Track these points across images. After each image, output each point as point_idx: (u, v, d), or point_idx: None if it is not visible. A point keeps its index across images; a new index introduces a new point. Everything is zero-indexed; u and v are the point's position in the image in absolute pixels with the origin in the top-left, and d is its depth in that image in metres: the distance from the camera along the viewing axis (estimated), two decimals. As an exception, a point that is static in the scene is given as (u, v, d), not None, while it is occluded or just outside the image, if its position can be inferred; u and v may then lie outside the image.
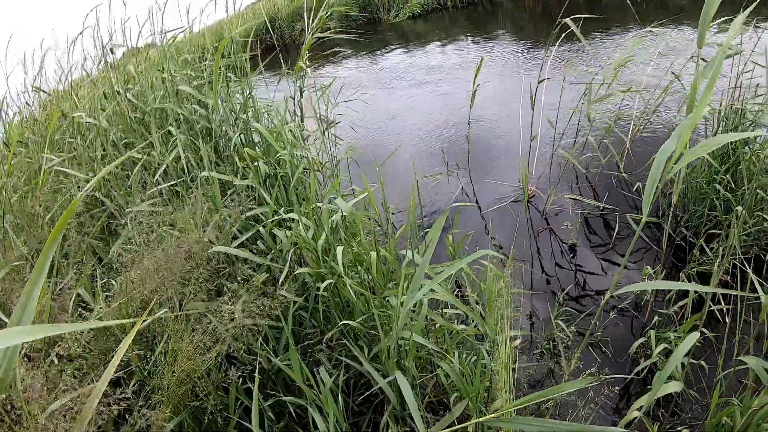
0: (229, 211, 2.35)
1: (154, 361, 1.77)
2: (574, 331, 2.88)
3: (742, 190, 2.87)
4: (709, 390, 2.38)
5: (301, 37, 14.12)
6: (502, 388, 1.36)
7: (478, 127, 5.57)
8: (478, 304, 2.76)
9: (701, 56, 2.30)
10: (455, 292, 3.15)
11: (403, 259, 2.17)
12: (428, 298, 1.93)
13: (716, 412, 2.00)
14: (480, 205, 4.26)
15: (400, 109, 6.91)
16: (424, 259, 1.39)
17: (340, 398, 1.89)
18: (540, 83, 3.80)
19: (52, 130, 3.33)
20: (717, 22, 2.85)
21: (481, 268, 2.91)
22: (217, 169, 3.03)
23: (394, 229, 2.61)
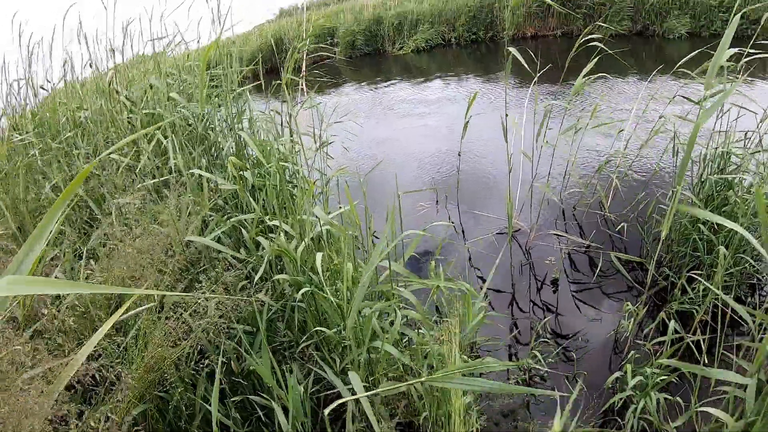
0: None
1: (125, 346, 1.75)
2: (552, 361, 2.86)
3: (725, 231, 2.90)
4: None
5: (307, 61, 14.41)
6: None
7: (470, 159, 5.63)
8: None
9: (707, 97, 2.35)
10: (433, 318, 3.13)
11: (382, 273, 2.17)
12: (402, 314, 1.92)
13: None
14: (465, 237, 4.28)
15: (390, 138, 6.99)
16: (377, 250, 1.38)
17: (307, 404, 1.85)
18: (511, 116, 3.86)
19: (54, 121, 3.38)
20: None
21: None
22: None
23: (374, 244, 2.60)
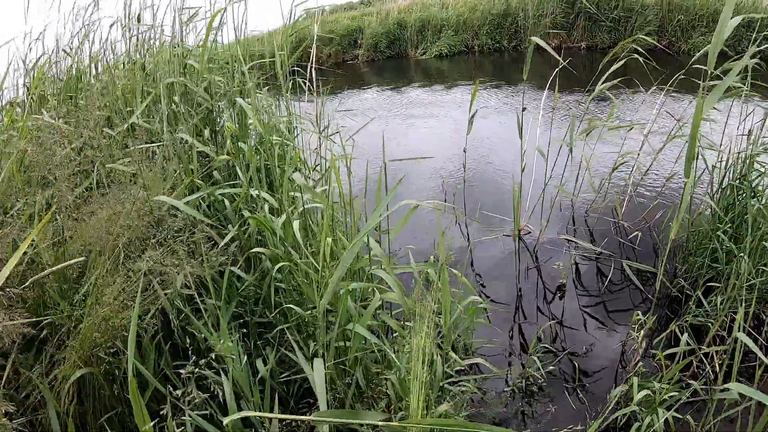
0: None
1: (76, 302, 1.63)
2: (553, 370, 2.66)
3: (746, 241, 2.68)
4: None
5: (328, 61, 14.39)
6: (414, 392, 1.18)
7: (482, 160, 5.46)
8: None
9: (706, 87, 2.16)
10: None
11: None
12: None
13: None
14: (473, 237, 4.10)
15: (405, 135, 6.85)
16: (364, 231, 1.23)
17: (266, 389, 1.69)
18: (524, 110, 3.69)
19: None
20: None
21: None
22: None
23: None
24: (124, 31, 3.69)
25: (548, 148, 3.76)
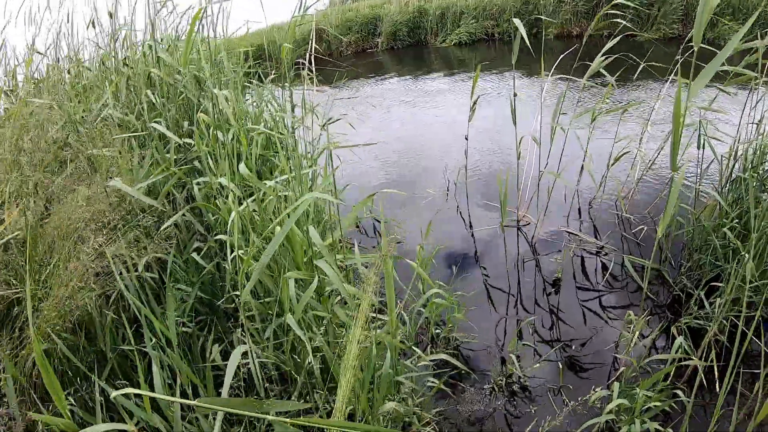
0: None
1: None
2: (537, 369, 2.51)
3: (751, 238, 2.46)
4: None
5: (348, 50, 14.25)
6: (345, 386, 1.05)
7: (486, 149, 5.27)
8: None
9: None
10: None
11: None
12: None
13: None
14: (470, 225, 3.94)
15: (411, 125, 6.68)
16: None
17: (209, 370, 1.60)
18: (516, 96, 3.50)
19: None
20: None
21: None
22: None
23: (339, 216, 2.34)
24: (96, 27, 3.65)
25: (552, 134, 3.56)
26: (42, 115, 2.91)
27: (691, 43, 1.76)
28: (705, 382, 2.22)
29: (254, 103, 3.73)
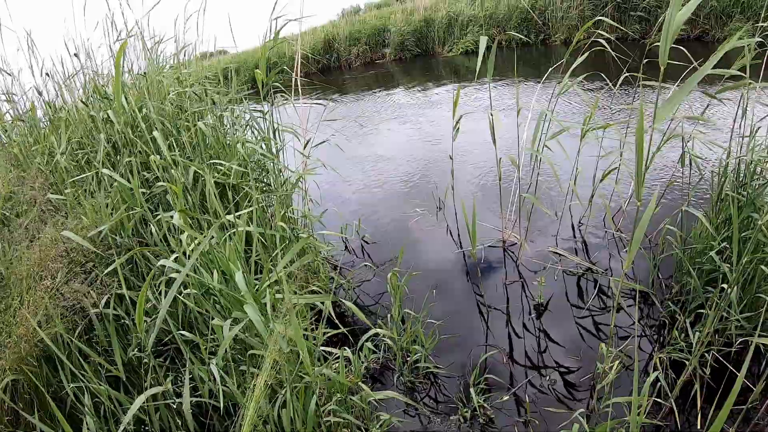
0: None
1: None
2: (506, 402, 2.37)
3: (740, 263, 2.29)
4: None
5: (357, 61, 14.25)
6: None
7: (477, 165, 5.14)
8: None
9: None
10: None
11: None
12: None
13: None
14: (455, 247, 3.82)
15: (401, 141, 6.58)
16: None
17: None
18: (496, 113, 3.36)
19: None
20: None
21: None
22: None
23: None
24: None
25: (533, 159, 3.43)
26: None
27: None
28: (682, 422, 2.07)
29: (230, 131, 3.68)
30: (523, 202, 3.68)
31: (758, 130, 2.57)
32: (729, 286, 2.13)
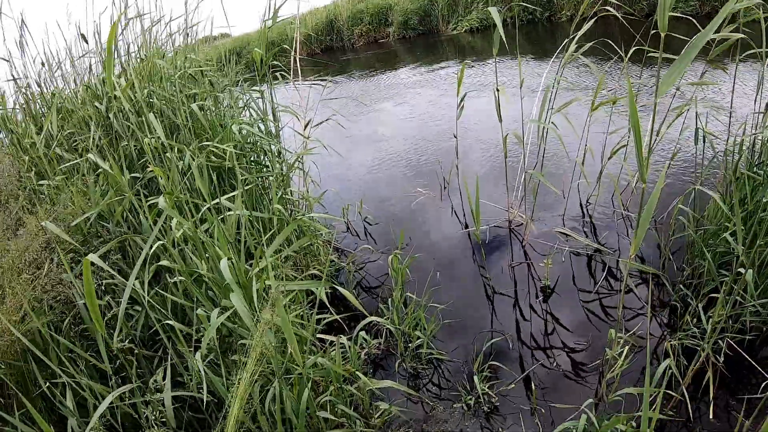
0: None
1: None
2: (512, 389, 2.30)
3: (757, 244, 2.19)
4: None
5: (360, 41, 14.00)
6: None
7: (487, 142, 5.01)
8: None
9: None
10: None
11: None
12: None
13: None
14: (465, 226, 3.72)
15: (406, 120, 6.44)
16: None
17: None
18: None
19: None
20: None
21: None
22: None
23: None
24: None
25: (540, 136, 3.30)
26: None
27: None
28: (693, 410, 1.99)
29: (227, 112, 3.56)
30: (530, 180, 3.56)
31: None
32: (745, 269, 2.03)
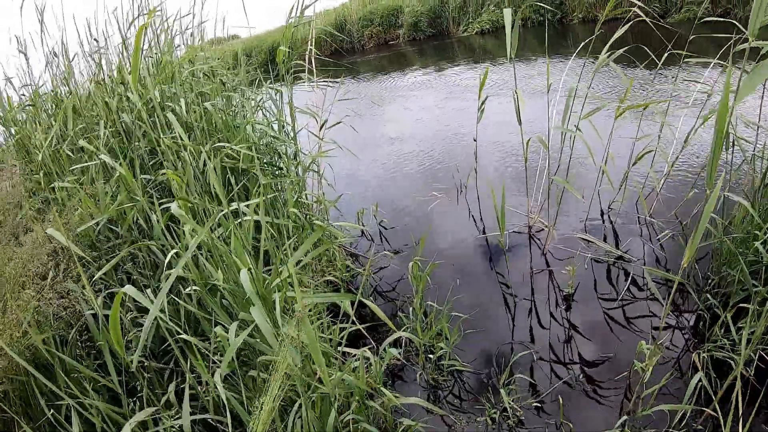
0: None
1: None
2: (537, 402, 2.24)
3: None
4: None
5: (370, 42, 13.97)
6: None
7: (501, 146, 4.95)
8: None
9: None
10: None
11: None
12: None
13: None
14: (483, 232, 3.67)
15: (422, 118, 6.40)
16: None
17: None
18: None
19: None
20: None
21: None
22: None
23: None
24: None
25: (563, 139, 3.24)
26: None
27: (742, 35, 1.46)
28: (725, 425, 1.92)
29: (241, 112, 3.53)
30: (552, 185, 3.50)
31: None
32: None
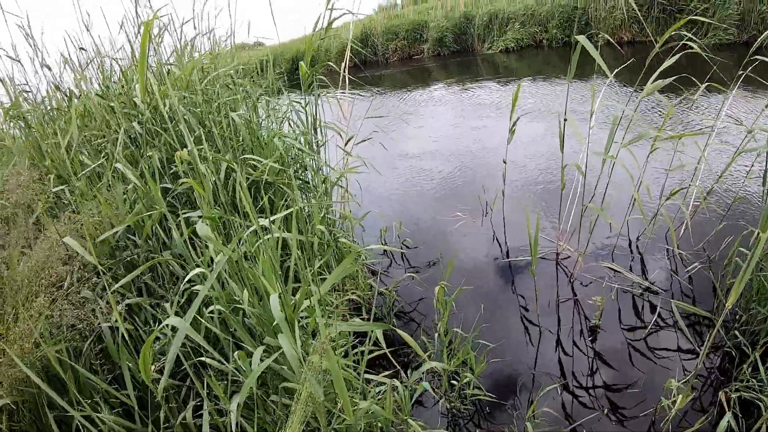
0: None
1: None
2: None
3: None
4: None
5: (394, 56, 14.10)
6: None
7: (529, 169, 4.96)
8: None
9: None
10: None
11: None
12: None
13: None
14: (504, 256, 3.68)
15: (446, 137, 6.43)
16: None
17: None
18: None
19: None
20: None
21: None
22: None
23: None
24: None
25: (603, 166, 3.26)
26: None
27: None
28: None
29: (268, 124, 3.58)
30: (584, 212, 3.51)
31: None
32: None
